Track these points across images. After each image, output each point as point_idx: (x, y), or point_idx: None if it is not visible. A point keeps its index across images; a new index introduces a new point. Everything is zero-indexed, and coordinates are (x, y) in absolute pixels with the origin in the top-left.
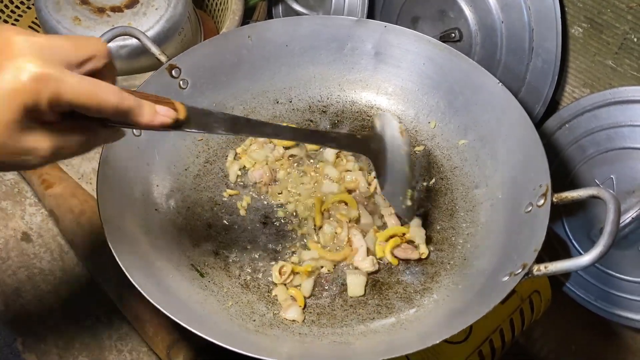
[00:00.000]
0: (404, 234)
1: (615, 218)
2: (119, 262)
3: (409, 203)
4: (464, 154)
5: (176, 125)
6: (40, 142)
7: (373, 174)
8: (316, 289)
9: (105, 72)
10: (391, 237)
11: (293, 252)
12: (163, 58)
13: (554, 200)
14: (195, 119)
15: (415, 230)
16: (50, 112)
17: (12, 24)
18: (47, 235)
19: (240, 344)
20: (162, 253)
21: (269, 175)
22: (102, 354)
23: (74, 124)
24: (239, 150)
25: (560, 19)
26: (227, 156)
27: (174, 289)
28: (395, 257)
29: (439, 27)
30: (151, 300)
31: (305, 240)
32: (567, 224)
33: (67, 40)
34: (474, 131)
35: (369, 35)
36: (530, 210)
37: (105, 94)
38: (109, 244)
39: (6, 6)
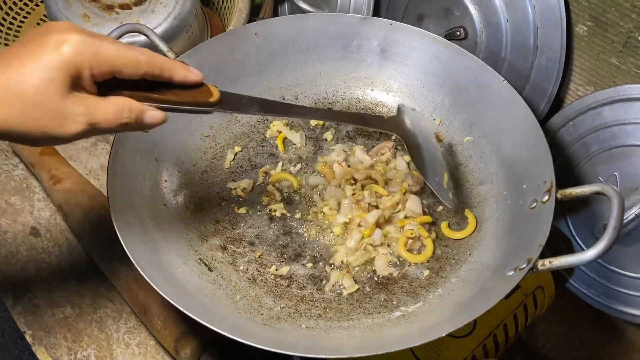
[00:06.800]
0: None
1: (619, 213)
2: (130, 256)
3: (451, 190)
4: (469, 150)
5: (211, 105)
6: (77, 105)
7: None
8: (323, 282)
9: None
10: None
11: (299, 247)
12: (171, 55)
13: (558, 196)
14: (229, 100)
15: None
16: (90, 76)
17: (21, 21)
18: (56, 230)
19: (248, 336)
20: (171, 248)
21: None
22: (110, 347)
23: (110, 94)
24: (237, 149)
25: (565, 17)
26: None
27: (182, 283)
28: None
29: (444, 25)
30: (161, 292)
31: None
32: (571, 220)
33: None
34: (478, 128)
35: (375, 33)
36: (535, 207)
37: (136, 52)
38: (120, 237)
39: (14, 3)
